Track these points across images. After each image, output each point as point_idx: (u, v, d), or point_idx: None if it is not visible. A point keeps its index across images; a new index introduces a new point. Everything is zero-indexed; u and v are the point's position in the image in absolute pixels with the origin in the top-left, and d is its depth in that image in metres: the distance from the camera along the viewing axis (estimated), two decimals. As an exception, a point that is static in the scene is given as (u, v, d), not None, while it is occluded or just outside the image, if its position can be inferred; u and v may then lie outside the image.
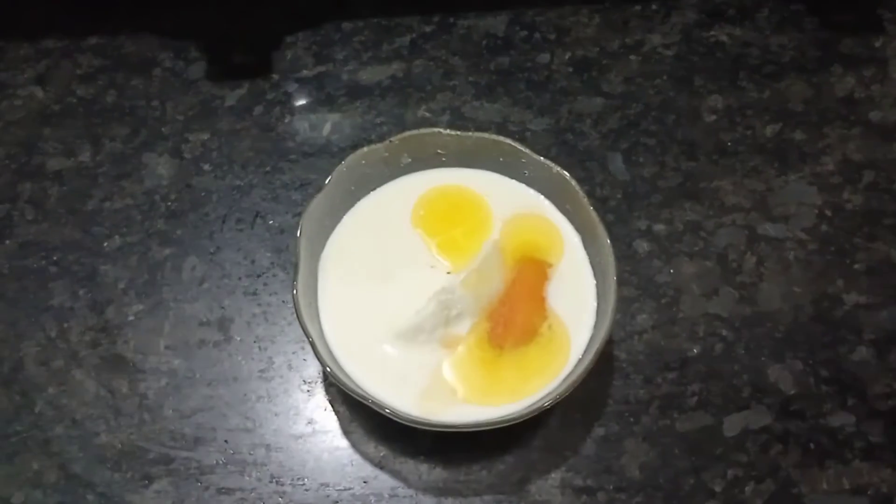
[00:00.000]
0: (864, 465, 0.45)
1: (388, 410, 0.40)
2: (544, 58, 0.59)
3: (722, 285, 0.50)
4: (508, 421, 0.41)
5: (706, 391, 0.47)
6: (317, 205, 0.45)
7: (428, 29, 0.60)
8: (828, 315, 0.50)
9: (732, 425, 0.46)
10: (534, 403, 0.41)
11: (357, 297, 0.45)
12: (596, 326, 0.44)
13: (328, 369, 0.41)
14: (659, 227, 0.52)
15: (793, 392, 0.47)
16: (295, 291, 0.42)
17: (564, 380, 0.42)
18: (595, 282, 0.45)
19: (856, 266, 0.51)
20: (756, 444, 0.46)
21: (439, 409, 0.42)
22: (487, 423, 0.41)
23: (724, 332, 0.49)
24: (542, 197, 0.48)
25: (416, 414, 0.41)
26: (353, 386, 0.41)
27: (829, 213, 0.53)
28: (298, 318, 0.42)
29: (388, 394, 0.42)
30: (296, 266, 0.43)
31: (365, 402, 0.40)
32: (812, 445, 0.46)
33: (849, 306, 0.50)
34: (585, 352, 0.43)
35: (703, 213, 0.53)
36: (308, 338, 0.41)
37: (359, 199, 0.48)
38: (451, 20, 0.60)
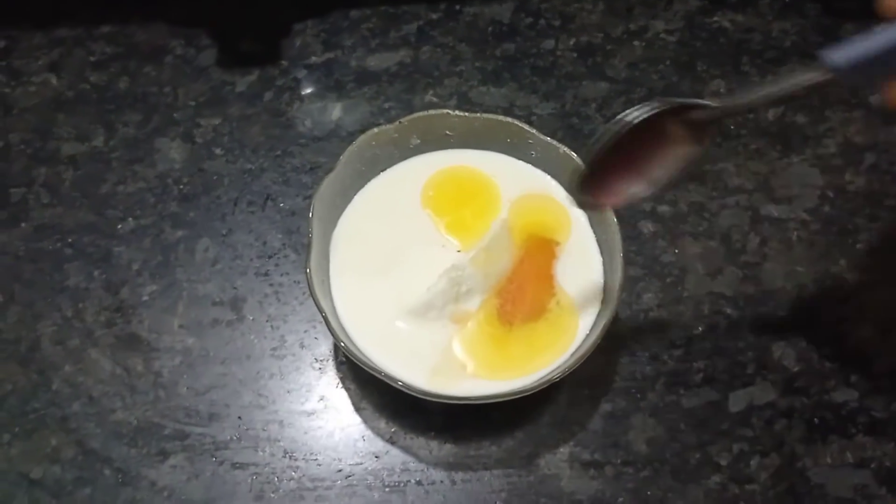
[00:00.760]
0: (866, 439, 0.46)
1: (400, 383, 0.41)
2: (549, 44, 0.60)
3: (726, 265, 0.51)
4: (518, 394, 0.41)
5: (711, 368, 0.48)
6: (328, 185, 0.45)
7: (434, 16, 0.61)
8: (830, 294, 0.50)
9: (737, 401, 0.47)
10: (543, 377, 0.42)
11: (368, 276, 0.46)
12: (603, 302, 0.45)
13: (342, 344, 0.42)
14: (663, 209, 0.53)
15: (797, 369, 0.48)
16: (308, 270, 0.43)
17: (572, 354, 0.43)
18: (602, 259, 0.46)
19: (858, 246, 0.52)
20: (761, 420, 0.47)
21: (450, 383, 0.43)
22: (498, 396, 0.41)
23: (729, 311, 0.50)
24: (549, 177, 0.49)
25: (427, 388, 0.42)
26: (365, 360, 0.42)
27: (831, 194, 0.54)
28: (312, 294, 0.42)
29: (399, 369, 0.43)
30: (308, 245, 0.44)
31: (378, 376, 0.41)
32: (816, 420, 0.47)
33: (851, 285, 0.51)
34: (593, 327, 0.44)
35: (707, 195, 0.54)
36: (321, 313, 0.42)
37: (369, 180, 0.49)
38: (458, 7, 0.61)
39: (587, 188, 0.39)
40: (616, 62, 0.59)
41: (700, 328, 0.49)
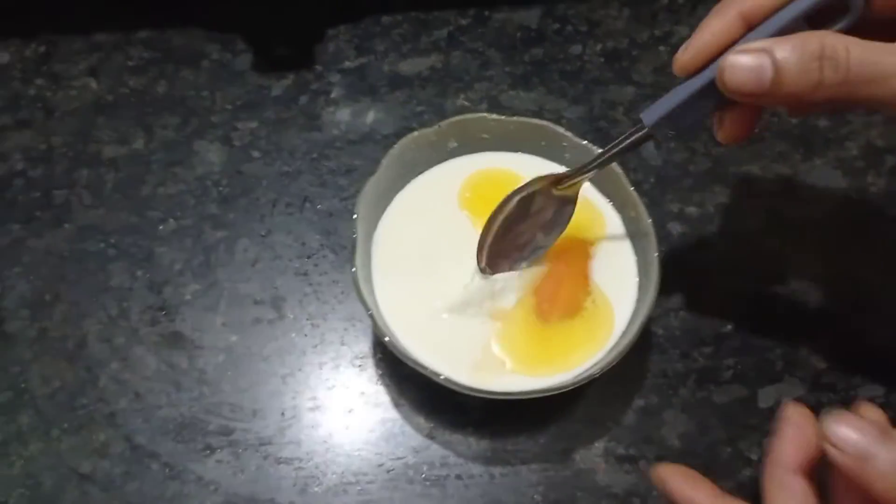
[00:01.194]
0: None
1: (443, 377, 0.42)
2: (576, 49, 0.61)
3: (752, 265, 0.53)
4: (558, 389, 0.43)
5: (740, 365, 0.49)
6: (371, 187, 0.47)
7: (464, 22, 0.62)
8: (855, 293, 0.52)
9: (767, 397, 0.49)
10: (581, 373, 0.43)
11: (408, 275, 0.47)
12: (638, 300, 0.46)
13: (386, 339, 0.43)
14: (691, 210, 0.55)
15: (823, 366, 0.49)
16: (354, 269, 0.44)
17: (609, 351, 0.44)
18: (636, 258, 0.47)
19: (881, 248, 0.53)
20: None
21: (490, 379, 0.44)
22: (538, 392, 0.43)
23: (756, 310, 0.51)
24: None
25: (469, 383, 0.43)
26: (409, 356, 0.43)
27: (853, 196, 0.55)
28: (357, 292, 0.44)
29: (440, 365, 0.44)
30: (353, 244, 0.45)
31: (423, 372, 0.42)
32: (843, 415, 0.48)
33: (875, 285, 0.52)
34: (629, 325, 0.45)
35: (733, 197, 0.55)
36: (367, 310, 0.43)
37: (408, 182, 0.50)
38: (486, 14, 0.62)
39: (487, 263, 0.46)
40: (642, 67, 0.60)
41: (729, 327, 0.51)
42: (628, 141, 0.41)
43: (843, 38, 0.34)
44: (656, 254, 0.45)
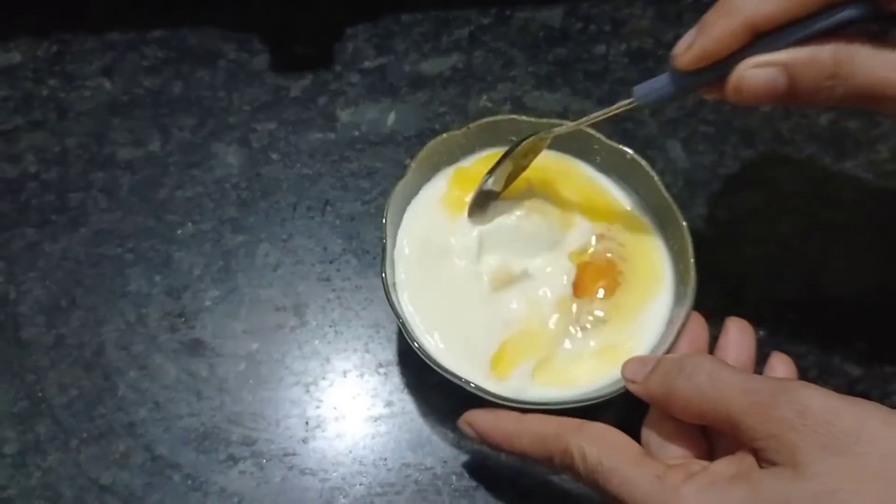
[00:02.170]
0: (930, 443, 0.46)
1: (473, 385, 0.41)
2: (601, 49, 0.60)
3: (786, 270, 0.52)
4: (591, 400, 0.41)
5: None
6: (400, 191, 0.45)
7: (486, 21, 0.61)
8: (889, 298, 0.51)
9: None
10: (615, 382, 0.42)
11: (436, 281, 0.46)
12: (676, 304, 0.45)
13: (415, 345, 0.41)
14: (721, 213, 0.53)
15: (858, 373, 0.48)
16: (384, 275, 0.43)
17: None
18: (672, 264, 0.46)
19: (915, 251, 0.52)
20: None
21: (521, 388, 0.43)
22: (571, 402, 0.41)
23: (790, 316, 0.50)
24: (613, 182, 0.49)
25: (500, 392, 0.42)
26: (442, 364, 0.42)
27: (886, 199, 0.54)
28: (389, 299, 0.42)
29: (471, 373, 0.43)
30: (383, 251, 0.43)
31: (456, 382, 0.41)
32: (880, 424, 0.47)
33: (909, 290, 0.51)
34: (666, 333, 0.44)
35: (764, 200, 0.54)
36: (399, 319, 0.42)
37: (435, 183, 0.49)
38: (508, 13, 0.61)
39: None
40: (668, 67, 0.59)
41: (762, 332, 0.49)
42: (621, 108, 0.43)
43: (856, 51, 0.34)
44: (692, 260, 0.44)
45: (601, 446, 0.35)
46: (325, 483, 0.46)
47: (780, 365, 0.41)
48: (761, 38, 0.36)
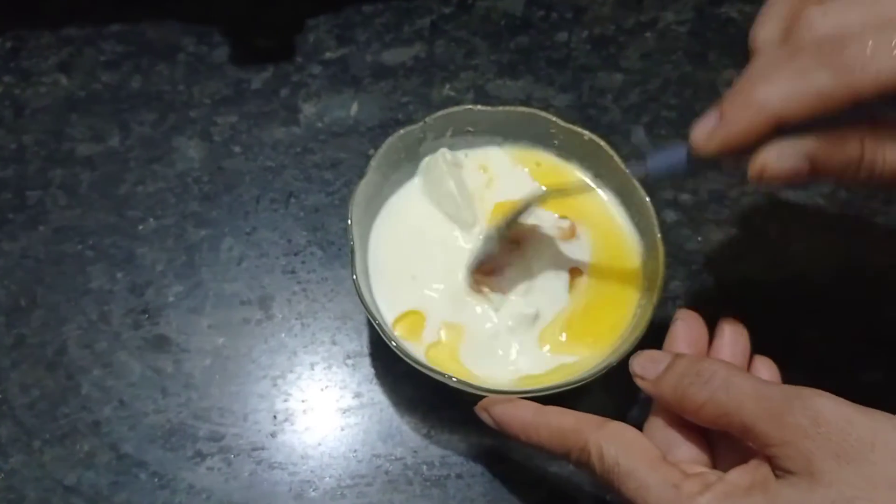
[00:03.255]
0: None
1: (454, 380, 0.41)
2: (563, 36, 0.60)
3: (749, 251, 0.52)
4: (563, 387, 0.41)
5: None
6: (362, 190, 0.45)
7: (447, 10, 0.60)
8: (851, 276, 0.51)
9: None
10: (589, 369, 0.42)
11: (406, 275, 0.46)
12: (645, 290, 0.45)
13: (393, 344, 0.41)
14: (685, 197, 0.54)
15: (825, 350, 0.49)
16: (355, 277, 0.42)
17: (616, 344, 0.43)
18: (640, 242, 0.46)
19: (875, 229, 0.53)
20: None
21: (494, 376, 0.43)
22: (545, 389, 0.41)
23: (756, 296, 0.50)
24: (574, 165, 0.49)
25: (478, 383, 0.41)
26: (418, 359, 0.41)
27: (846, 179, 0.54)
28: (362, 301, 0.42)
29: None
30: (352, 252, 0.43)
31: (444, 380, 0.41)
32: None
33: (872, 268, 0.52)
34: (638, 318, 0.44)
35: (726, 182, 0.54)
36: (375, 320, 0.41)
37: (398, 179, 0.48)
38: (470, 1, 0.61)
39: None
40: (629, 53, 0.59)
41: (728, 314, 0.50)
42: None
43: (885, 140, 0.33)
44: (659, 235, 0.44)
45: (620, 447, 0.35)
46: (294, 476, 0.45)
47: (764, 368, 0.40)
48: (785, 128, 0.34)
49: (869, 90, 0.31)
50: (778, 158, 0.33)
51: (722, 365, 0.35)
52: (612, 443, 0.35)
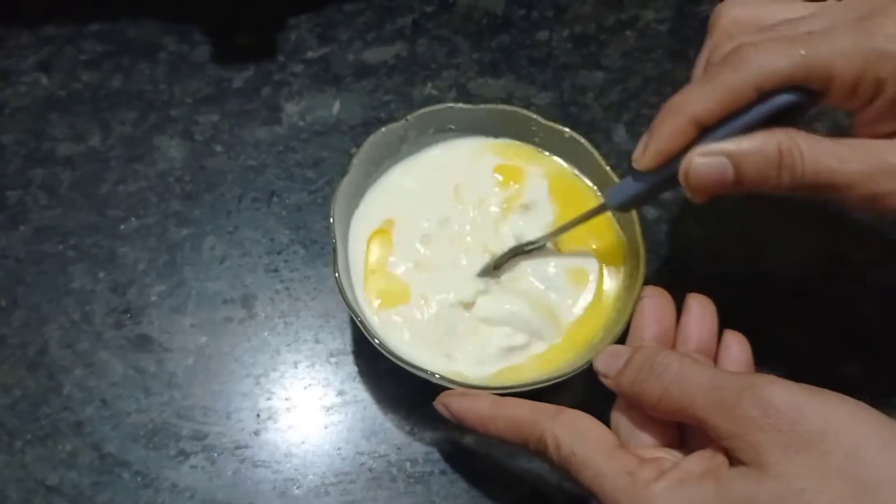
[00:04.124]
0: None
1: (437, 376, 0.41)
2: (544, 35, 0.60)
3: (729, 247, 0.52)
4: (545, 382, 0.42)
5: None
6: (344, 188, 0.45)
7: (429, 9, 0.61)
8: (831, 271, 0.52)
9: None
10: (570, 363, 0.42)
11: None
12: (624, 287, 0.45)
13: (376, 341, 0.41)
14: (665, 194, 0.54)
15: (805, 345, 0.49)
16: (337, 274, 0.42)
17: (596, 340, 0.44)
18: (620, 238, 0.47)
19: (857, 225, 0.53)
20: None
21: (477, 373, 0.43)
22: (527, 385, 0.41)
23: (736, 291, 0.51)
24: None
25: (464, 381, 0.42)
26: (404, 358, 0.41)
27: (824, 175, 0.55)
28: (345, 299, 0.42)
29: (428, 362, 0.43)
30: (333, 250, 0.43)
31: (426, 377, 0.41)
32: (824, 395, 0.48)
33: (852, 263, 0.52)
34: (619, 314, 0.44)
35: (706, 180, 0.55)
36: (357, 318, 0.41)
37: (379, 177, 0.48)
38: (451, 0, 0.61)
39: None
40: (610, 51, 0.60)
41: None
42: (590, 215, 0.44)
43: (801, 139, 0.35)
44: (640, 233, 0.44)
45: (575, 436, 0.35)
46: (278, 475, 0.45)
47: (735, 343, 0.41)
48: (707, 132, 0.36)
49: (765, 76, 0.35)
50: (701, 156, 0.36)
51: (676, 357, 0.36)
52: (567, 432, 0.35)
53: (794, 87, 0.35)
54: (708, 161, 0.36)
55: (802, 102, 0.35)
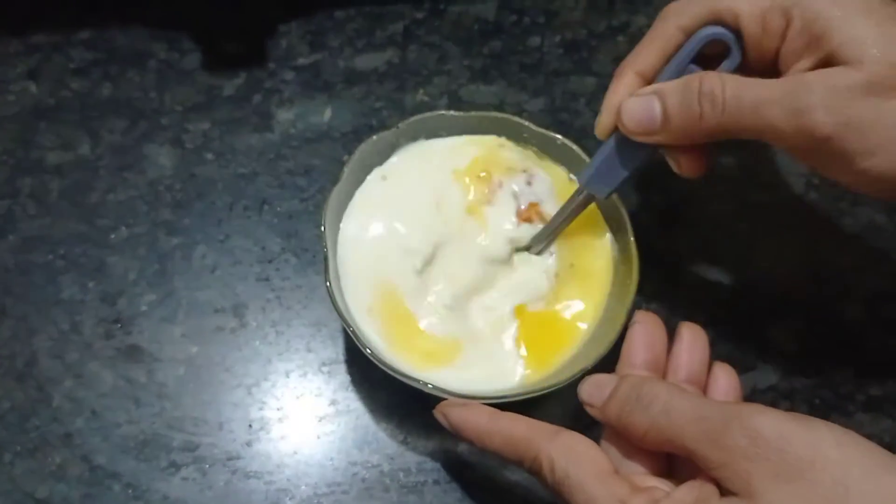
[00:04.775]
0: (865, 416, 0.48)
1: (430, 386, 0.41)
2: (535, 41, 0.60)
3: (719, 252, 0.53)
4: (539, 391, 0.41)
5: (713, 355, 0.49)
6: (336, 196, 0.45)
7: (419, 15, 0.61)
8: (821, 276, 0.52)
9: (742, 386, 0.48)
10: (564, 372, 0.42)
11: (377, 279, 0.46)
12: (614, 295, 0.45)
13: (368, 351, 0.41)
14: (656, 199, 0.54)
15: (794, 351, 0.49)
16: (328, 283, 0.42)
17: (587, 347, 0.44)
18: (612, 245, 0.47)
19: (842, 230, 0.54)
20: (764, 402, 0.47)
21: (466, 380, 0.43)
22: (521, 394, 0.41)
23: (726, 297, 0.51)
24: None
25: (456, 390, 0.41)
26: (397, 368, 0.41)
27: (815, 181, 0.55)
28: (336, 309, 0.41)
29: (420, 372, 0.42)
30: (325, 259, 0.43)
31: (419, 387, 0.41)
32: (817, 401, 0.48)
33: (839, 268, 0.52)
34: (611, 321, 0.44)
35: (697, 184, 0.54)
36: (349, 328, 0.41)
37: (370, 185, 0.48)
38: (442, 7, 0.61)
39: None
40: (601, 57, 0.60)
41: (699, 316, 0.50)
42: (574, 205, 0.45)
43: (723, 76, 0.37)
44: (632, 238, 0.44)
45: (570, 459, 0.35)
46: (270, 486, 0.45)
47: (723, 375, 0.40)
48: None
49: (685, 16, 0.39)
50: (634, 97, 0.40)
51: (663, 388, 0.35)
52: (562, 455, 0.35)
53: (713, 23, 0.39)
54: (638, 100, 0.39)
55: (723, 36, 0.38)
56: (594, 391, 0.38)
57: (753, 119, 0.36)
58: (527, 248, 0.46)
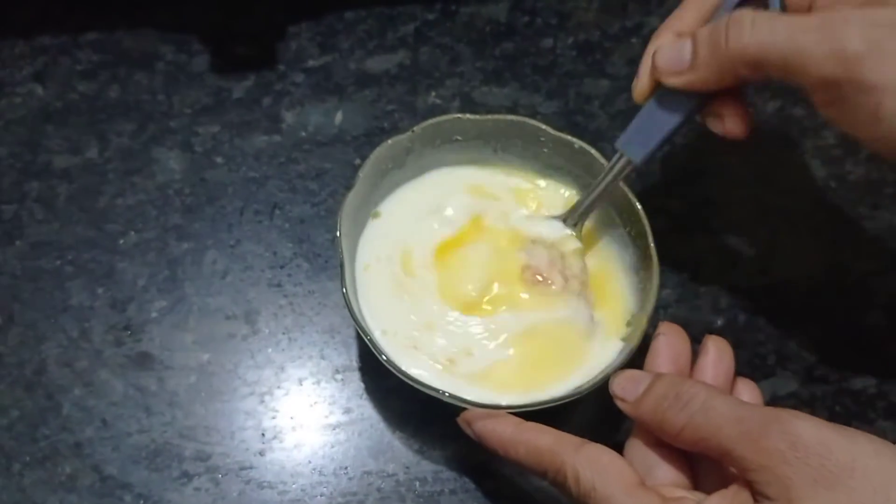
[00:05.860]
0: (886, 423, 0.47)
1: (447, 395, 0.40)
2: (548, 42, 0.59)
3: (739, 257, 0.52)
4: (560, 400, 0.41)
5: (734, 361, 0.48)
6: (350, 201, 0.44)
7: (431, 17, 0.60)
8: (840, 281, 0.51)
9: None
10: (582, 384, 0.41)
11: (393, 287, 0.45)
12: (636, 301, 0.44)
13: (383, 357, 0.40)
14: (674, 204, 0.53)
15: (815, 358, 0.49)
16: (344, 290, 0.41)
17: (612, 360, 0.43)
18: (632, 257, 0.46)
19: (862, 234, 0.53)
20: None
21: (489, 391, 0.42)
22: (541, 403, 0.40)
23: (746, 303, 0.50)
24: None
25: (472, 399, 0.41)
26: (411, 375, 0.40)
27: (833, 184, 0.54)
28: (353, 317, 0.41)
29: (435, 380, 0.42)
30: (341, 265, 0.42)
31: (437, 395, 0.40)
32: (837, 408, 0.47)
33: (859, 272, 0.52)
34: (633, 328, 0.43)
35: (715, 189, 0.54)
36: (366, 336, 0.40)
37: (387, 189, 0.47)
38: (454, 8, 0.60)
39: None
40: (615, 59, 0.59)
41: (719, 322, 0.50)
42: (611, 173, 0.45)
43: (748, 15, 0.36)
44: (653, 245, 0.43)
45: (596, 471, 0.34)
46: (284, 496, 0.44)
47: (746, 391, 0.40)
48: None
49: None
50: (669, 42, 0.40)
51: (702, 387, 0.35)
52: (588, 467, 0.35)
53: None
54: (672, 44, 0.40)
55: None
56: (628, 385, 0.37)
57: (785, 45, 0.35)
58: (563, 219, 0.46)
